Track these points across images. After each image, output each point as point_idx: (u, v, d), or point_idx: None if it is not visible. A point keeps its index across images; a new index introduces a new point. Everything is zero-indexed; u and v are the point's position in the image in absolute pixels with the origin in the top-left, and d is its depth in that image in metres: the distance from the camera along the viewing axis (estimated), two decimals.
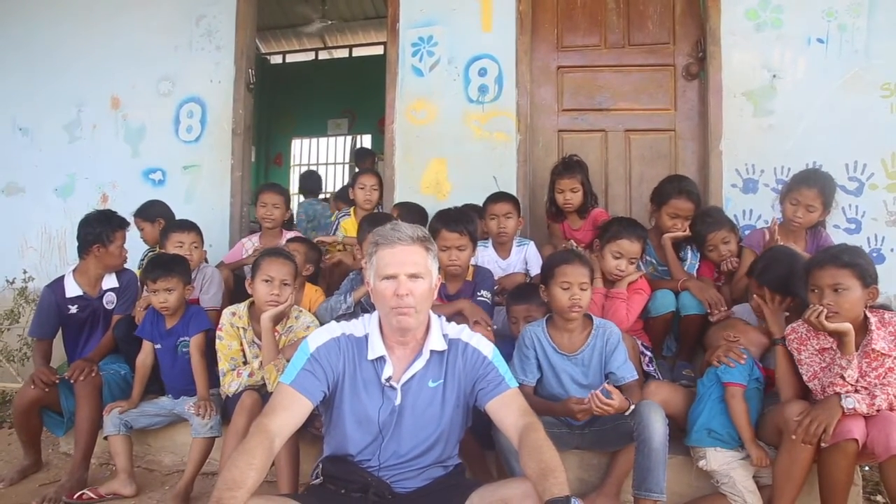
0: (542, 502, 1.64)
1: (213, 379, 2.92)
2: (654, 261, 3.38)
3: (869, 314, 2.36)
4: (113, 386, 3.07)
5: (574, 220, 3.67)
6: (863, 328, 2.35)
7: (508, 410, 1.95)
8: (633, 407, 2.34)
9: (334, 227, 4.09)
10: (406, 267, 1.95)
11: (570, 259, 2.59)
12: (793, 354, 2.49)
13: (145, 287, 3.19)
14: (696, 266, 3.34)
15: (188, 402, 2.91)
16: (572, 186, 3.57)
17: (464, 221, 3.07)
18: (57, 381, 3.01)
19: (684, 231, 3.27)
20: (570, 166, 3.60)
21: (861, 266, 2.30)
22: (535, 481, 1.70)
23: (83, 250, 3.27)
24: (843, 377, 2.27)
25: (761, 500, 2.44)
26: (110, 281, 3.34)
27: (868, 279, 2.30)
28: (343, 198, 4.70)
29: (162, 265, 3.01)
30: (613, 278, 3.00)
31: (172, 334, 3.03)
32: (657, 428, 2.32)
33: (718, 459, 2.50)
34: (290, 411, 1.89)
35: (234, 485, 1.64)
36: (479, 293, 3.08)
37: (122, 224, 3.33)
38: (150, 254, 3.85)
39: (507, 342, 2.93)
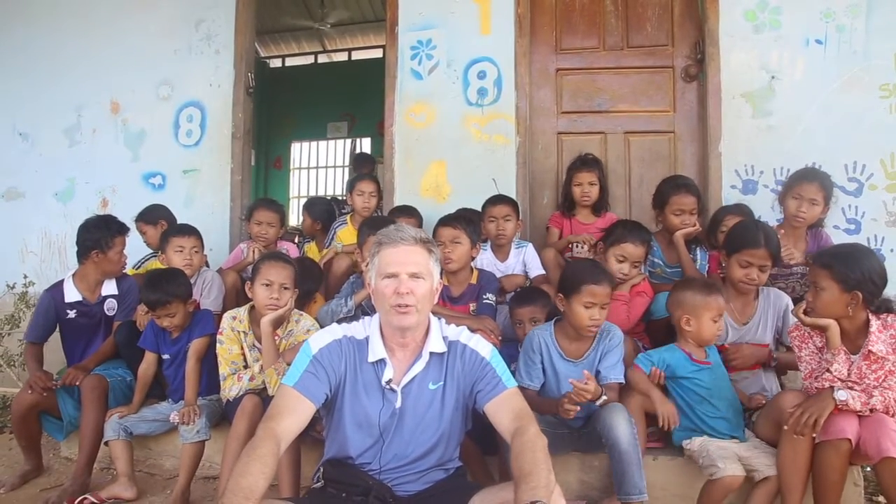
0: None
1: (215, 383, 2.92)
2: (661, 263, 3.39)
3: (871, 317, 2.36)
4: (118, 392, 3.08)
5: (585, 215, 3.71)
6: (864, 329, 2.36)
7: (504, 413, 1.95)
8: (604, 397, 2.38)
9: (330, 237, 4.09)
10: (408, 266, 1.95)
11: (599, 278, 2.52)
12: (794, 351, 2.51)
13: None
14: (707, 266, 3.35)
15: (173, 412, 2.90)
16: (590, 179, 3.65)
17: (459, 218, 3.10)
18: (53, 386, 3.01)
19: (693, 226, 3.28)
20: (588, 161, 3.71)
21: (838, 269, 2.30)
22: (514, 488, 1.69)
23: (82, 256, 3.26)
24: (829, 371, 2.30)
25: (738, 465, 2.42)
26: (110, 287, 3.32)
27: (848, 283, 2.29)
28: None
29: (157, 290, 2.93)
30: (616, 281, 2.99)
31: (179, 342, 3.02)
32: (622, 430, 2.33)
33: (698, 440, 2.54)
34: (295, 414, 1.89)
35: (251, 493, 1.64)
36: (484, 296, 3.09)
37: (122, 230, 3.30)
38: (149, 259, 3.86)
39: (509, 344, 2.94)
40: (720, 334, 2.63)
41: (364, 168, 7.14)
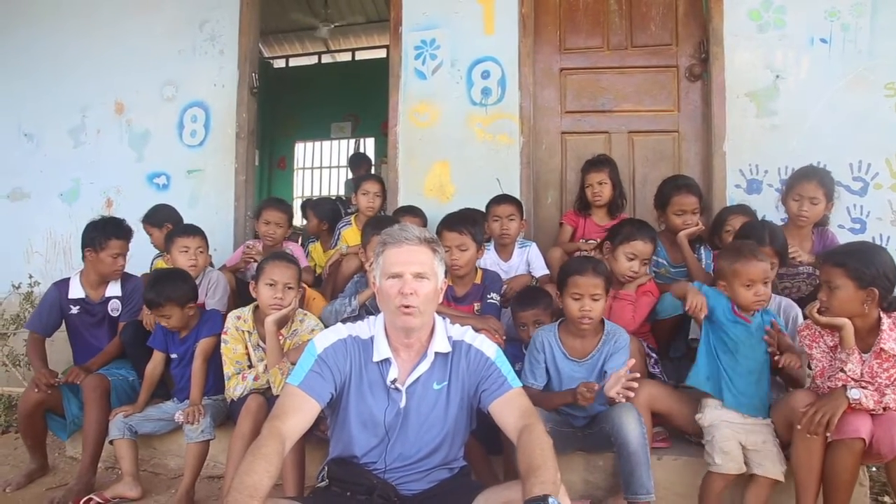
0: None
1: (222, 383, 2.92)
2: (666, 263, 3.39)
3: (883, 314, 2.35)
4: (120, 392, 3.09)
5: (601, 217, 3.71)
6: (876, 328, 2.35)
7: (509, 412, 1.95)
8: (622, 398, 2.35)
9: (335, 238, 4.09)
10: (412, 266, 1.95)
11: (584, 269, 2.55)
12: (805, 350, 2.50)
13: None
14: (712, 265, 3.33)
15: (178, 411, 2.90)
16: (599, 179, 3.65)
17: (465, 222, 3.09)
18: (57, 383, 3.03)
19: (695, 225, 3.28)
20: (596, 162, 3.72)
21: (852, 267, 2.30)
22: (522, 482, 1.70)
23: (82, 253, 3.30)
24: (843, 370, 2.29)
25: (739, 463, 2.43)
26: (114, 289, 3.34)
27: (864, 280, 2.28)
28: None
29: (152, 290, 2.96)
30: (626, 280, 2.99)
31: (187, 341, 3.03)
32: (632, 429, 2.33)
33: (711, 416, 2.52)
34: (300, 413, 1.89)
35: (255, 491, 1.64)
36: (488, 296, 3.09)
37: (119, 234, 3.26)
38: (157, 259, 3.87)
39: (514, 343, 2.94)
40: (760, 300, 2.53)
41: (361, 168, 7.16)
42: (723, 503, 2.50)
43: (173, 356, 3.07)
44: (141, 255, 3.98)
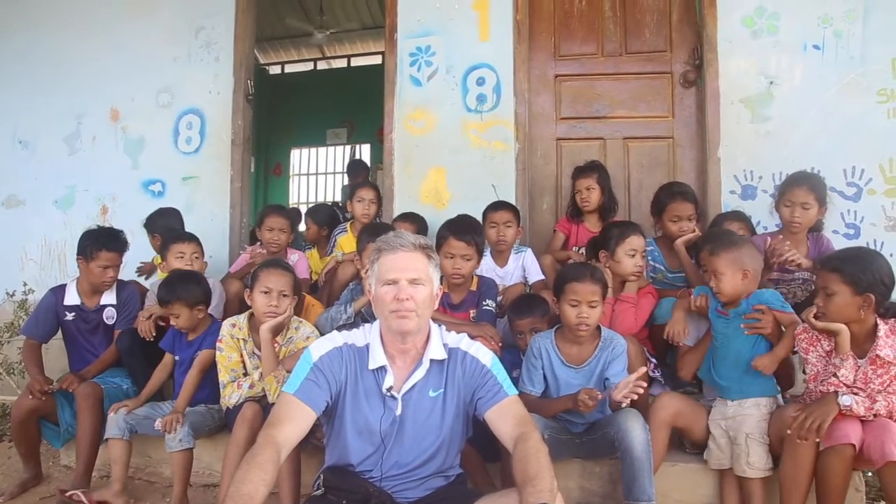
0: None
1: (218, 391, 2.91)
2: (663, 268, 3.39)
3: (879, 321, 2.36)
4: (114, 400, 3.05)
5: (593, 223, 3.73)
6: (872, 334, 2.36)
7: (505, 420, 1.95)
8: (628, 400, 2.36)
9: (331, 245, 4.08)
10: (407, 272, 1.96)
11: (581, 276, 2.56)
12: (800, 354, 2.52)
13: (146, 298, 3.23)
14: None
15: (157, 420, 2.87)
16: (588, 185, 3.67)
17: (472, 231, 3.09)
18: (50, 390, 3.02)
19: (692, 232, 3.28)
20: (584, 168, 3.75)
21: (848, 272, 2.31)
22: (519, 491, 1.71)
23: (76, 260, 3.30)
24: (836, 375, 2.30)
25: (721, 460, 2.54)
26: (109, 297, 3.34)
27: (860, 286, 2.29)
28: None
29: (165, 288, 3.01)
30: (634, 277, 2.99)
31: (191, 346, 3.04)
32: (636, 435, 2.33)
33: (714, 413, 2.64)
34: (295, 422, 1.89)
35: (251, 500, 1.65)
36: (484, 303, 3.09)
37: (110, 246, 3.25)
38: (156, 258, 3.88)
39: (512, 350, 2.94)
40: (719, 292, 2.61)
41: (359, 175, 7.17)
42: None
43: (176, 359, 3.08)
44: (144, 257, 4.02)
